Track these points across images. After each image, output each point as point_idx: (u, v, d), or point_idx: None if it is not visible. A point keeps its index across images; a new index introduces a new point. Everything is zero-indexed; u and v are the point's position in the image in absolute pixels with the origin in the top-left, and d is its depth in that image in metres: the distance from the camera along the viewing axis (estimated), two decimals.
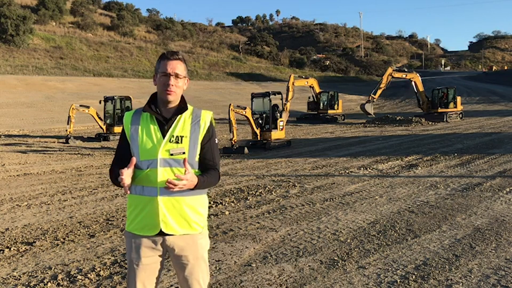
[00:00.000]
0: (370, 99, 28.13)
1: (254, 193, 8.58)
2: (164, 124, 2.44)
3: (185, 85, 2.50)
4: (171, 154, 2.39)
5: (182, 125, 2.45)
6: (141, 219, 2.44)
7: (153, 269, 2.50)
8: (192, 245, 2.48)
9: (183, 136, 2.42)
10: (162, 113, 2.47)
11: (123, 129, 2.54)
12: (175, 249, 2.46)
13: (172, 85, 2.41)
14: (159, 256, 2.50)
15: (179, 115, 2.46)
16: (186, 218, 2.43)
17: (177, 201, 2.40)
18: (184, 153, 2.40)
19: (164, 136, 2.41)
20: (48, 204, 8.11)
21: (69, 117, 20.12)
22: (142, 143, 2.42)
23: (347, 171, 10.76)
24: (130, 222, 2.49)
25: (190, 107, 2.52)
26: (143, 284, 2.48)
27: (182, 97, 2.52)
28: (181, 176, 2.31)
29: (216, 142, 2.56)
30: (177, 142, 2.40)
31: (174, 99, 2.46)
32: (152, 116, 2.46)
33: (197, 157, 2.47)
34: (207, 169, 2.50)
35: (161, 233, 2.42)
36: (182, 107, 2.49)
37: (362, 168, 11.08)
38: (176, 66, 2.43)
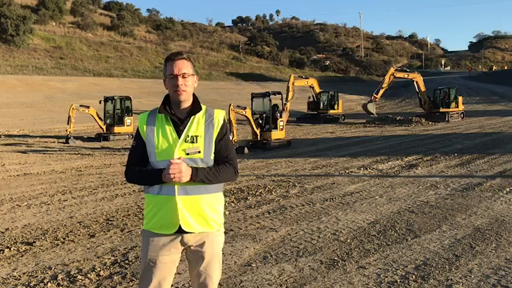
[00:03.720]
0: (372, 98, 28.16)
1: (254, 193, 8.58)
2: (179, 125, 2.49)
3: (195, 83, 2.55)
4: (187, 154, 2.44)
5: (196, 124, 2.50)
6: (160, 218, 2.48)
7: (170, 268, 2.54)
8: (209, 242, 2.53)
9: (198, 136, 2.47)
10: (176, 113, 2.51)
11: (138, 130, 2.58)
12: (192, 245, 2.51)
13: (181, 85, 2.45)
14: (177, 254, 2.54)
15: (193, 116, 2.51)
16: (204, 216, 2.48)
17: (195, 200, 2.45)
18: (199, 152, 2.46)
19: (179, 136, 2.46)
20: (48, 204, 8.11)
21: (69, 117, 20.11)
22: (158, 144, 2.47)
23: (347, 171, 10.75)
24: (148, 220, 2.53)
25: (203, 107, 2.57)
26: (159, 283, 2.50)
27: (195, 97, 2.57)
28: (173, 161, 2.36)
29: (231, 138, 2.62)
30: (192, 142, 2.46)
31: (185, 99, 2.50)
32: (167, 117, 2.51)
33: (212, 155, 2.51)
34: (221, 164, 2.53)
35: (179, 231, 2.46)
36: (196, 107, 2.53)
37: (362, 168, 11.08)
38: (182, 66, 2.47)
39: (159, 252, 2.49)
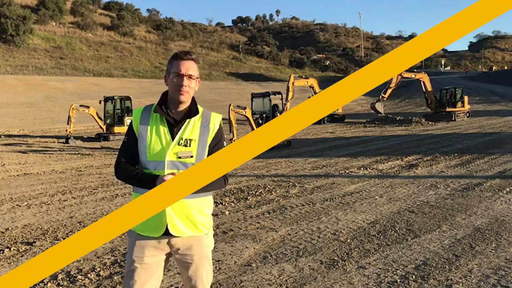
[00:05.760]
0: (380, 98, 28.34)
1: (254, 193, 8.57)
2: (174, 126, 2.42)
3: (196, 86, 2.48)
4: (179, 157, 2.37)
5: (191, 128, 2.43)
6: (146, 220, 2.42)
7: (155, 269, 2.48)
8: (197, 245, 2.47)
9: (191, 140, 2.40)
10: (172, 114, 2.43)
11: (131, 125, 2.50)
12: (180, 248, 2.45)
13: (185, 86, 2.38)
14: (163, 256, 2.48)
15: (190, 118, 2.44)
16: (192, 220, 2.42)
17: (184, 204, 2.37)
18: (192, 156, 2.39)
19: (173, 139, 2.39)
20: (48, 204, 8.11)
21: (69, 117, 20.14)
22: (150, 143, 2.39)
23: (347, 171, 10.75)
24: None
25: (200, 109, 2.50)
26: (143, 285, 2.45)
27: (193, 99, 2.50)
28: None
29: (225, 145, 2.53)
30: (185, 145, 2.39)
31: (186, 100, 2.43)
32: (162, 117, 2.43)
33: None
34: None
35: (166, 234, 2.40)
36: (193, 109, 2.46)
37: (362, 168, 11.08)
38: (190, 67, 2.40)
39: (144, 253, 2.42)
